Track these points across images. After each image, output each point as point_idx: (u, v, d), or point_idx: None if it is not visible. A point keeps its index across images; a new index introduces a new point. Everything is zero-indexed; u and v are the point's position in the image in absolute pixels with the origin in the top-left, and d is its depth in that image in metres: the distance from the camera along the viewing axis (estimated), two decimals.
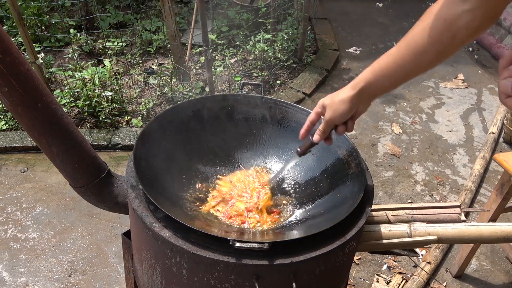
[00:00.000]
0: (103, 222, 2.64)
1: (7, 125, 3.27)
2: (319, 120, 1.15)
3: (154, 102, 3.47)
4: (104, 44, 4.00)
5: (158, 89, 3.56)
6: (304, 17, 3.96)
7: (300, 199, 1.30)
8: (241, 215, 1.21)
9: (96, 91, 3.31)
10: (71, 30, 4.06)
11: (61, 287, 2.27)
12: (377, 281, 2.33)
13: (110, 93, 3.31)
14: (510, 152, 1.98)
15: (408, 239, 1.19)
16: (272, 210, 1.26)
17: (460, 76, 4.32)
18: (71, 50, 3.74)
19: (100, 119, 3.28)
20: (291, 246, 0.97)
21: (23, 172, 2.97)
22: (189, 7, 4.72)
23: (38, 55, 3.05)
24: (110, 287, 2.28)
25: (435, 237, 1.19)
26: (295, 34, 4.15)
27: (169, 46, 3.63)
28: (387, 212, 1.29)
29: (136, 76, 3.78)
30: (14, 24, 3.45)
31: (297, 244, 0.97)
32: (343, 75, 4.25)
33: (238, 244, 0.91)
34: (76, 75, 3.35)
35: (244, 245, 0.91)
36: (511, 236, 1.20)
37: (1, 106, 3.33)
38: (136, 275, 1.30)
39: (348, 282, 1.93)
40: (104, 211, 1.37)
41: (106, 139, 3.20)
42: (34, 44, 3.08)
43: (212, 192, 1.29)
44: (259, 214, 1.23)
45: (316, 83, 3.96)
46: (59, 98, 3.33)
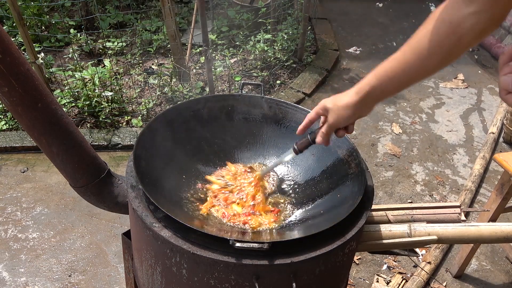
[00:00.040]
0: (103, 222, 2.64)
1: (7, 125, 3.27)
2: (318, 119, 1.16)
3: (154, 102, 3.47)
4: (104, 44, 4.00)
5: (158, 89, 3.56)
6: (304, 17, 3.96)
7: (300, 199, 1.30)
8: (239, 216, 1.21)
9: (96, 91, 3.31)
10: (71, 30, 4.06)
11: (61, 287, 2.27)
12: (377, 281, 2.33)
13: (110, 93, 3.31)
14: (510, 152, 1.98)
15: (408, 239, 1.19)
16: (270, 209, 1.26)
17: (460, 76, 4.32)
18: (71, 50, 3.74)
19: (100, 119, 3.28)
20: (291, 246, 0.97)
21: (23, 172, 2.97)
22: (189, 7, 4.72)
23: (38, 55, 3.05)
24: (110, 287, 2.28)
25: (435, 237, 1.19)
26: (295, 34, 4.15)
27: (169, 46, 3.63)
28: (387, 212, 1.29)
29: (136, 76, 3.78)
30: (14, 24, 3.45)
31: (297, 244, 0.97)
32: (343, 75, 4.25)
33: (238, 244, 0.91)
34: (76, 75, 3.35)
35: (244, 245, 0.91)
36: (511, 236, 1.20)
37: (1, 106, 3.33)
38: (136, 275, 1.30)
39: (348, 282, 1.93)
40: (104, 211, 1.37)
41: (106, 139, 3.20)
42: (34, 44, 3.08)
43: (208, 192, 1.29)
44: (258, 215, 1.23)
45: (316, 83, 3.96)
46: (59, 98, 3.33)
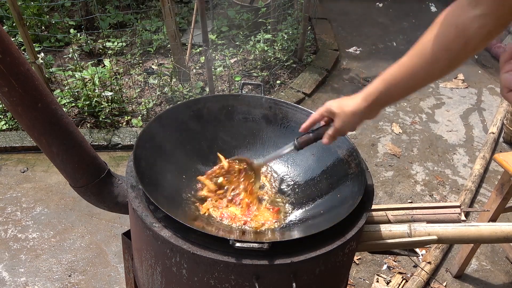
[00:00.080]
0: (103, 222, 2.64)
1: (7, 125, 3.27)
2: (322, 120, 1.16)
3: (154, 102, 3.47)
4: (104, 44, 4.00)
5: (158, 89, 3.56)
6: (304, 17, 3.96)
7: (300, 199, 1.30)
8: (238, 217, 1.21)
9: (96, 91, 3.31)
10: (71, 30, 4.06)
11: (61, 287, 2.27)
12: (377, 281, 2.33)
13: (110, 93, 3.31)
14: (510, 152, 1.98)
15: (408, 239, 1.19)
16: (268, 207, 1.26)
17: (460, 76, 4.32)
18: (71, 50, 3.74)
19: (100, 119, 3.28)
20: (291, 246, 0.97)
21: (23, 172, 2.97)
22: (189, 7, 4.72)
23: (38, 55, 3.05)
24: (110, 287, 2.28)
25: (435, 237, 1.19)
26: (295, 34, 4.15)
27: (169, 46, 3.63)
28: (387, 212, 1.29)
29: (136, 76, 3.78)
30: (14, 24, 3.45)
31: (297, 244, 0.97)
32: (343, 75, 4.25)
33: (238, 244, 0.91)
34: (76, 75, 3.35)
35: (244, 245, 0.91)
36: (511, 236, 1.20)
37: (1, 106, 3.33)
38: (136, 275, 1.30)
39: (348, 282, 1.93)
40: (104, 211, 1.37)
41: (106, 139, 3.20)
42: (34, 44, 3.08)
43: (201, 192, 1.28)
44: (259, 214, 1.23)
45: (316, 83, 3.96)
46: (59, 98, 3.33)
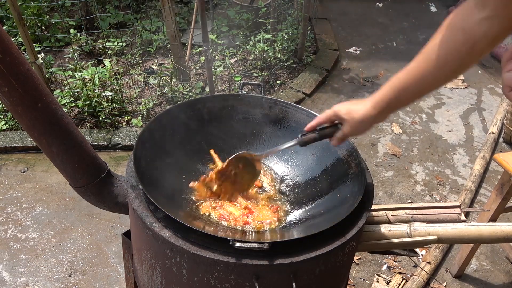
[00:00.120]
0: (103, 222, 2.64)
1: (7, 125, 3.27)
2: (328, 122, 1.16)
3: (154, 102, 3.47)
4: (104, 44, 4.00)
5: (158, 89, 3.56)
6: (304, 17, 3.96)
7: (300, 199, 1.30)
8: (237, 218, 1.21)
9: (96, 91, 3.31)
10: (71, 30, 4.06)
11: (61, 287, 2.27)
12: (377, 281, 2.33)
13: (110, 93, 3.31)
14: (510, 152, 1.98)
15: (408, 239, 1.19)
16: (267, 204, 1.26)
17: (460, 76, 4.32)
18: (71, 50, 3.74)
19: (100, 119, 3.28)
20: (291, 246, 0.97)
21: (23, 172, 2.97)
22: (189, 7, 4.72)
23: (38, 55, 3.05)
24: (110, 287, 2.28)
25: (435, 237, 1.19)
26: (295, 34, 4.15)
27: (169, 46, 3.63)
28: (387, 212, 1.29)
29: (136, 76, 3.78)
30: (14, 24, 3.45)
31: (297, 244, 0.97)
32: (343, 75, 4.25)
33: (238, 244, 0.91)
34: (76, 75, 3.35)
35: (244, 245, 0.91)
36: (511, 236, 1.20)
37: (1, 106, 3.33)
38: (136, 275, 1.30)
39: (348, 282, 1.93)
40: (104, 211, 1.37)
41: (106, 139, 3.20)
42: (34, 44, 3.08)
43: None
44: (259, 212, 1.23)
45: (316, 83, 3.96)
46: (59, 98, 3.33)
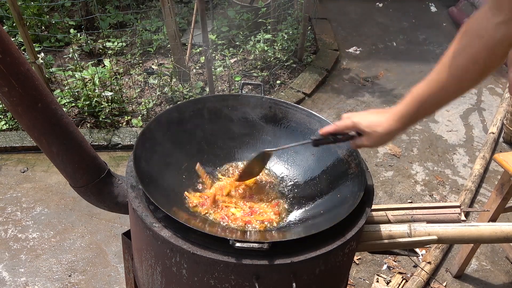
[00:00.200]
0: (103, 222, 2.64)
1: (7, 125, 3.27)
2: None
3: (154, 102, 3.47)
4: (104, 44, 4.00)
5: (158, 89, 3.56)
6: (304, 17, 3.96)
7: (300, 199, 1.30)
8: (239, 219, 1.21)
9: (96, 91, 3.31)
10: (71, 30, 4.06)
11: (61, 287, 2.27)
12: (377, 281, 2.33)
13: (110, 93, 3.31)
14: (510, 152, 1.98)
15: (408, 239, 1.19)
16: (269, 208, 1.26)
17: None
18: (71, 50, 3.74)
19: (100, 119, 3.28)
20: (291, 246, 0.97)
21: (23, 172, 2.97)
22: (189, 7, 4.71)
23: (38, 55, 3.05)
24: (110, 287, 2.28)
25: (435, 237, 1.19)
26: (295, 34, 4.15)
27: (169, 46, 3.63)
28: (387, 212, 1.29)
29: (136, 76, 3.78)
30: (14, 24, 3.45)
31: (297, 244, 0.97)
32: (343, 75, 4.25)
33: (238, 244, 0.91)
34: (76, 75, 3.35)
35: (244, 245, 0.91)
36: (511, 236, 1.20)
37: (1, 106, 3.32)
38: (136, 275, 1.30)
39: (348, 282, 1.93)
40: (104, 211, 1.37)
41: (106, 139, 3.20)
42: (34, 44, 3.08)
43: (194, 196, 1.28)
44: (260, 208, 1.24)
45: (316, 83, 3.96)
46: (59, 98, 3.33)
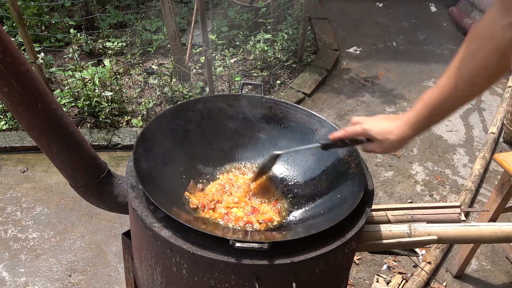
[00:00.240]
0: (103, 222, 2.64)
1: (7, 125, 3.27)
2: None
3: (154, 102, 3.47)
4: (104, 44, 4.00)
5: (158, 89, 3.56)
6: (304, 17, 3.96)
7: (300, 199, 1.30)
8: (241, 219, 1.21)
9: (96, 91, 3.31)
10: (71, 30, 4.06)
11: (61, 287, 2.27)
12: (377, 281, 2.33)
13: (110, 93, 3.31)
14: (510, 152, 1.98)
15: (408, 239, 1.19)
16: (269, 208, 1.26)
17: None
18: (71, 50, 3.74)
19: (100, 119, 3.28)
20: (291, 246, 0.97)
21: (23, 172, 2.97)
22: (189, 7, 4.72)
23: (38, 55, 3.05)
24: (110, 287, 2.28)
25: (435, 237, 1.19)
26: (295, 34, 4.15)
27: (169, 46, 3.63)
28: (387, 212, 1.29)
29: (136, 76, 3.78)
30: (14, 24, 3.45)
31: (297, 244, 0.97)
32: (343, 75, 4.25)
33: (238, 244, 0.91)
34: (76, 75, 3.35)
35: (244, 245, 0.91)
36: (511, 236, 1.20)
37: (1, 106, 3.32)
38: (136, 275, 1.30)
39: (348, 282, 1.93)
40: (104, 211, 1.37)
41: (106, 139, 3.20)
42: (34, 44, 3.08)
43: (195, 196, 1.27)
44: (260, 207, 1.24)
45: (316, 83, 3.96)
46: (59, 98, 3.33)
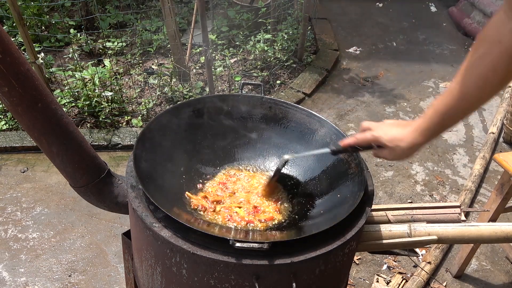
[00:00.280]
0: (103, 222, 2.64)
1: (7, 125, 3.27)
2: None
3: (154, 102, 3.47)
4: (104, 44, 4.00)
5: (158, 89, 3.56)
6: (304, 17, 3.96)
7: (300, 199, 1.30)
8: (243, 218, 1.21)
9: (96, 91, 3.31)
10: (71, 30, 4.06)
11: (61, 287, 2.27)
12: (377, 281, 2.33)
13: (110, 93, 3.31)
14: (510, 152, 1.98)
15: (408, 239, 1.19)
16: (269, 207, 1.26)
17: None
18: (71, 50, 3.74)
19: (100, 119, 3.28)
20: (291, 246, 0.97)
21: (23, 172, 2.97)
22: (189, 7, 4.71)
23: (38, 55, 3.05)
24: (110, 287, 2.28)
25: (435, 237, 1.19)
26: (295, 34, 4.15)
27: (169, 46, 3.63)
28: (387, 212, 1.29)
29: (136, 76, 3.78)
30: (14, 24, 3.44)
31: (297, 244, 0.97)
32: (343, 75, 4.25)
33: (238, 244, 0.91)
34: (76, 75, 3.35)
35: (244, 245, 0.91)
36: (511, 236, 1.20)
37: (1, 106, 3.32)
38: (136, 275, 1.30)
39: (348, 282, 1.93)
40: (104, 211, 1.37)
41: (106, 139, 3.20)
42: (34, 44, 3.08)
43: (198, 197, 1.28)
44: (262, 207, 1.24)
45: (316, 83, 3.96)
46: (59, 98, 3.33)
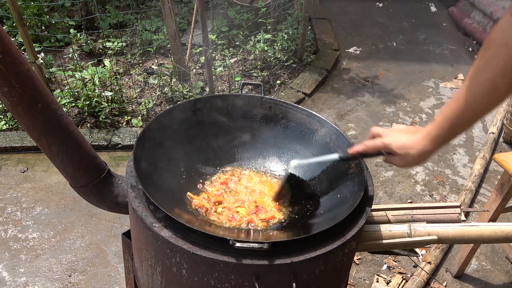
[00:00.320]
0: (103, 222, 2.64)
1: (7, 125, 3.27)
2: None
3: (154, 102, 3.47)
4: (104, 44, 4.00)
5: (158, 89, 3.56)
6: (304, 17, 3.96)
7: (300, 199, 1.30)
8: (244, 217, 1.21)
9: (96, 91, 3.31)
10: (71, 30, 4.06)
11: (61, 287, 2.27)
12: (377, 281, 2.33)
13: (110, 93, 3.31)
14: (510, 152, 1.98)
15: (408, 239, 1.19)
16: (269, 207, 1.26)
17: (460, 76, 4.32)
18: (71, 50, 3.74)
19: (100, 119, 3.28)
20: (291, 246, 0.97)
21: (23, 172, 2.97)
22: (189, 7, 4.72)
23: (38, 55, 3.05)
24: (110, 287, 2.28)
25: (435, 237, 1.19)
26: (295, 34, 4.15)
27: (169, 46, 3.63)
28: (387, 212, 1.29)
29: (136, 76, 3.78)
30: (14, 24, 3.45)
31: (297, 244, 0.97)
32: (343, 75, 4.25)
33: (238, 244, 0.91)
34: (76, 75, 3.35)
35: (244, 245, 0.91)
36: (511, 236, 1.20)
37: (1, 106, 3.33)
38: (136, 275, 1.30)
39: (348, 282, 1.93)
40: (104, 211, 1.37)
41: (106, 139, 3.20)
42: (34, 44, 3.08)
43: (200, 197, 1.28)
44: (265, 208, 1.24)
45: (316, 83, 3.96)
46: (59, 98, 3.33)
